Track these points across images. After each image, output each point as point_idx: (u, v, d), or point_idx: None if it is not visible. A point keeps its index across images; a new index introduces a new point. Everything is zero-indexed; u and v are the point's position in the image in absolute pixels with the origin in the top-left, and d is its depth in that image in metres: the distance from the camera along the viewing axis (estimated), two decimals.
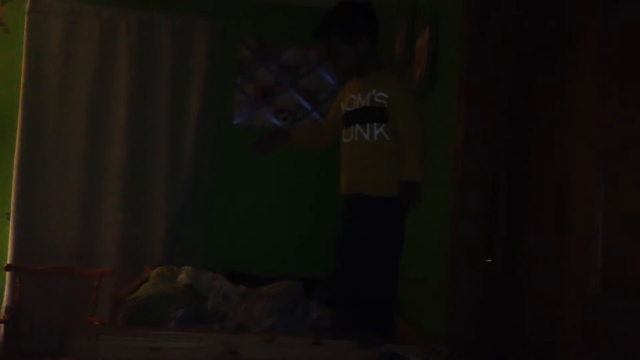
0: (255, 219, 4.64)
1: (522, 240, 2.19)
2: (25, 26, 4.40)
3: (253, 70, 4.61)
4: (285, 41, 4.64)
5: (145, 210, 4.47)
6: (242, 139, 4.62)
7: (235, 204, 4.64)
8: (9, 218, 4.37)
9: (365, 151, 2.43)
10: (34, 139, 4.40)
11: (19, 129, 4.38)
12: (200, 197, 4.55)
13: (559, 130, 1.99)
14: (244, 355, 2.26)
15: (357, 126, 2.44)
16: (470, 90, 2.45)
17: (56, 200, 4.42)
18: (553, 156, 2.03)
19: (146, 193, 4.48)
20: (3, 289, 4.34)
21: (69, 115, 4.44)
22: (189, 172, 4.49)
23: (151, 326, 2.73)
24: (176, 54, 4.51)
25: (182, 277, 3.65)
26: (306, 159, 4.53)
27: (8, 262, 4.28)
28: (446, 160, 2.62)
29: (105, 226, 4.44)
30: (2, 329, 4.24)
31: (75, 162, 4.43)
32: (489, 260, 2.39)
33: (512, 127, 2.36)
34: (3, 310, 4.32)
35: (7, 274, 4.31)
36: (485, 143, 2.43)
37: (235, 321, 2.99)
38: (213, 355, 2.22)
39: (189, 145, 4.49)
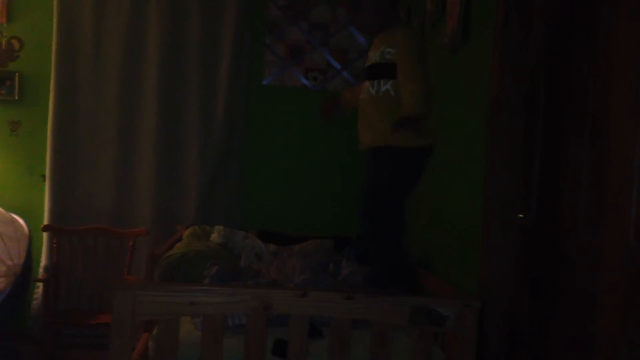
0: (287, 178, 4.66)
1: (556, 195, 2.17)
2: None
3: (283, 29, 4.58)
4: None
5: (178, 171, 4.52)
6: (273, 99, 4.63)
7: (266, 163, 4.66)
8: (44, 180, 4.45)
9: (371, 106, 2.42)
10: (67, 102, 4.45)
11: (52, 91, 4.43)
12: (232, 157, 4.58)
13: (595, 85, 1.96)
14: (278, 309, 2.29)
15: (367, 82, 2.43)
16: (504, 44, 2.40)
17: (90, 162, 4.48)
18: (589, 110, 1.99)
19: (179, 154, 4.52)
20: (41, 249, 4.44)
21: (101, 78, 4.47)
22: (221, 132, 4.51)
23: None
24: (205, 14, 4.49)
25: (215, 236, 3.70)
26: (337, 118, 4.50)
27: (45, 222, 4.37)
28: (479, 115, 2.60)
29: (139, 187, 4.49)
30: (41, 288, 4.35)
31: (109, 124, 4.48)
32: (521, 216, 2.38)
33: (547, 81, 2.32)
34: (41, 269, 4.43)
35: (45, 235, 4.41)
36: (520, 97, 2.40)
37: (268, 278, 3.04)
38: (248, 310, 2.26)
39: (220, 106, 4.50)
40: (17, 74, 4.48)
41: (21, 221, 4.21)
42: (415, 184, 2.45)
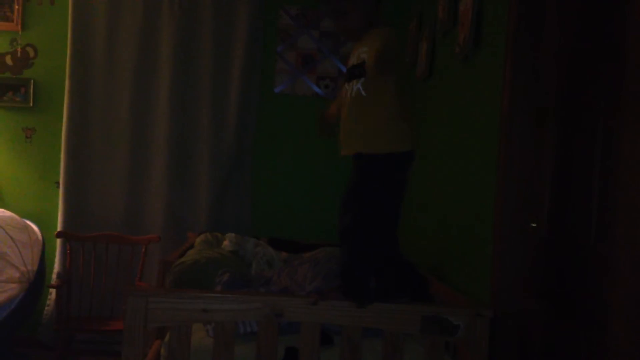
0: (298, 186, 4.67)
1: (569, 204, 2.17)
2: None
3: (294, 38, 4.60)
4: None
5: (190, 178, 4.55)
6: (284, 107, 4.64)
7: (277, 171, 4.67)
8: (58, 186, 4.49)
9: (347, 109, 2.41)
10: (81, 109, 4.49)
11: (66, 99, 4.47)
12: (243, 164, 4.60)
13: (607, 93, 1.95)
14: (289, 317, 2.29)
15: (346, 85, 2.43)
16: (516, 52, 2.40)
17: (103, 169, 4.52)
18: (602, 119, 1.99)
19: (190, 161, 4.55)
20: (54, 256, 4.47)
21: (114, 86, 4.52)
22: (232, 140, 4.53)
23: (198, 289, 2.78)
24: (218, 22, 4.52)
25: (226, 243, 3.71)
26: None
27: (58, 229, 4.41)
28: (491, 124, 2.60)
29: (151, 194, 4.53)
30: (54, 294, 4.38)
31: (122, 132, 4.52)
32: (534, 225, 2.37)
33: (559, 90, 2.32)
34: (54, 276, 4.46)
35: (58, 241, 4.44)
36: (531, 105, 2.40)
37: (280, 286, 3.04)
38: (260, 317, 2.26)
39: (232, 114, 4.53)
40: (31, 81, 4.53)
41: (35, 227, 4.25)
42: (399, 190, 2.42)
